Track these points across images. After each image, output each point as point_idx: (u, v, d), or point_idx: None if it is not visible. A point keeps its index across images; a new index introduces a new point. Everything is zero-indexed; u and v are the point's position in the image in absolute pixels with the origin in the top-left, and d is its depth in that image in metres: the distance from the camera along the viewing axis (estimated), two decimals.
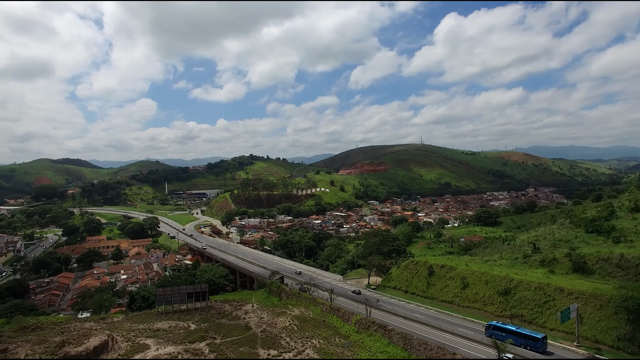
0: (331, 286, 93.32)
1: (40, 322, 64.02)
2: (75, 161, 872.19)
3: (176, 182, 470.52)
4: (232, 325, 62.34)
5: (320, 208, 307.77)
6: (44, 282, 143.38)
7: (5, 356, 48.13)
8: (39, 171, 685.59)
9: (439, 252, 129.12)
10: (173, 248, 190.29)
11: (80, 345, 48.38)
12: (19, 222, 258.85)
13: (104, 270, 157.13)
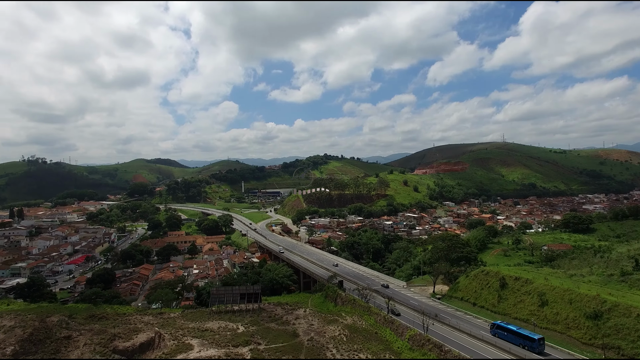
0: (392, 293, 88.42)
1: (106, 312, 68.24)
2: (165, 161, 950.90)
3: (253, 181, 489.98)
4: (280, 331, 60.83)
5: (392, 209, 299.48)
6: (128, 271, 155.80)
7: (69, 343, 51.14)
8: (136, 170, 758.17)
9: (516, 260, 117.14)
10: (243, 245, 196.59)
11: (129, 340, 49.94)
12: (114, 216, 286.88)
13: (179, 264, 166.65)
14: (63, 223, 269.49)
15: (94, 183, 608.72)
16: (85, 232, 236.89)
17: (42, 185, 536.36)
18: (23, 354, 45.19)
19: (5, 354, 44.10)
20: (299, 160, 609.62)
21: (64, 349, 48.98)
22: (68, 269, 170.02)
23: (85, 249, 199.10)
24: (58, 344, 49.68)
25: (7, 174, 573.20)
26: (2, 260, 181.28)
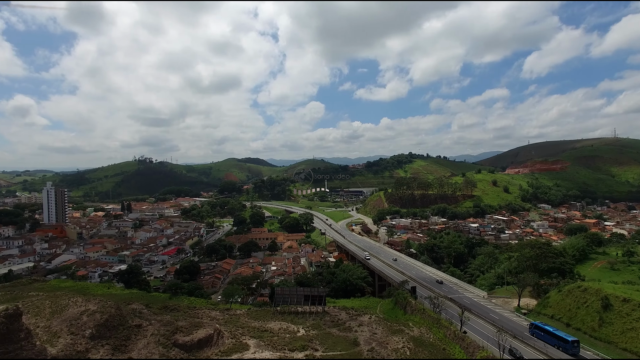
0: (470, 304, 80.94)
1: (179, 304, 71.78)
2: (255, 160, 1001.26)
3: (336, 180, 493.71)
4: (341, 338, 58.31)
5: (479, 210, 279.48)
6: (211, 265, 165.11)
7: (138, 331, 54.11)
8: (228, 169, 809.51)
9: (626, 276, 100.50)
10: (322, 244, 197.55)
11: (188, 335, 51.20)
12: (205, 212, 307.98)
13: (258, 260, 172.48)
14: (161, 217, 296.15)
15: (191, 180, 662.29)
16: (179, 226, 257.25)
17: (149, 182, 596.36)
18: (99, 338, 48.50)
19: (85, 336, 47.70)
20: (382, 159, 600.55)
21: (133, 337, 51.88)
22: (162, 259, 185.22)
23: (177, 242, 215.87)
24: (129, 331, 52.75)
25: (122, 172, 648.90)
26: (112, 247, 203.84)
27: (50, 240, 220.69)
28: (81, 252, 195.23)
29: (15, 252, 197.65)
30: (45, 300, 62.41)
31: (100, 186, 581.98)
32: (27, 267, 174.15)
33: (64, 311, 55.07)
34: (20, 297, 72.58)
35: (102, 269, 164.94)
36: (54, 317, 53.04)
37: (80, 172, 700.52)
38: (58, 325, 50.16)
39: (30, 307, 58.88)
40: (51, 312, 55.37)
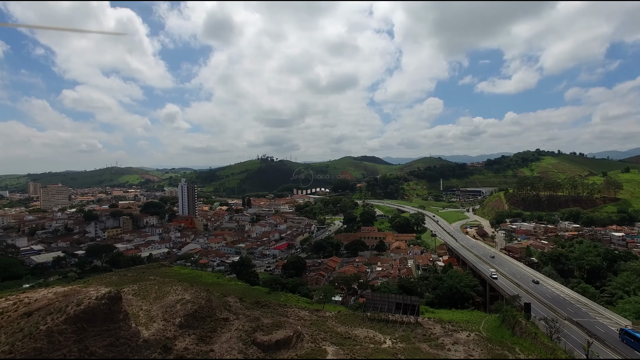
0: (605, 333, 66.49)
1: (270, 301, 72.85)
2: (371, 158, 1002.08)
3: (452, 179, 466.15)
4: (430, 355, 52.11)
5: (625, 217, 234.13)
6: (317, 262, 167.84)
7: (225, 325, 55.77)
8: (344, 167, 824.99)
9: None
10: (432, 246, 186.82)
11: (268, 334, 50.74)
12: (317, 209, 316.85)
13: (364, 259, 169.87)
14: (277, 213, 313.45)
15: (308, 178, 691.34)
16: (292, 222, 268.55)
17: (269, 179, 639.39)
18: (186, 327, 51.05)
19: (174, 324, 50.65)
20: (505, 157, 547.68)
21: (219, 329, 53.51)
22: (273, 254, 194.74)
23: (289, 237, 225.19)
24: (216, 323, 54.59)
25: (247, 170, 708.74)
26: (231, 240, 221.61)
27: (182, 230, 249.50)
28: (205, 242, 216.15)
29: (156, 238, 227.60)
30: (155, 285, 68.64)
31: (228, 182, 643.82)
32: (163, 252, 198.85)
33: (164, 298, 59.56)
34: (140, 280, 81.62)
35: (220, 259, 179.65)
36: (156, 302, 57.61)
37: (212, 170, 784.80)
38: (156, 310, 54.22)
39: (142, 290, 65.18)
40: (155, 297, 60.36)
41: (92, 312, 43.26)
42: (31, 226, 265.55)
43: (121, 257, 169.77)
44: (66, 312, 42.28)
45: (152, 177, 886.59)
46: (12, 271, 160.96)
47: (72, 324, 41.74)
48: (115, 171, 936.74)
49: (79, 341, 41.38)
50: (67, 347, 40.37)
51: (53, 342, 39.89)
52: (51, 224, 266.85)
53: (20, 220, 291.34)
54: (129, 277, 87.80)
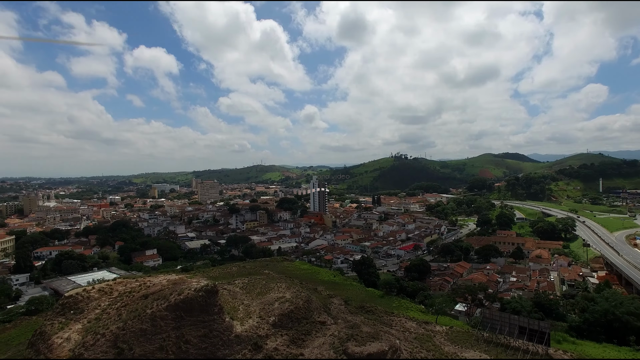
0: None
1: (375, 307, 68.43)
2: (514, 155, 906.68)
3: (617, 178, 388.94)
4: None
5: None
6: (443, 266, 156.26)
7: (320, 329, 53.82)
8: (482, 165, 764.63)
9: None
10: (583, 258, 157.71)
11: (361, 346, 46.85)
12: (449, 209, 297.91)
13: (497, 267, 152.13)
14: (406, 212, 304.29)
15: (443, 177, 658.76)
16: (420, 222, 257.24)
17: (402, 178, 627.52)
18: (280, 327, 50.49)
19: (268, 322, 50.56)
20: None
21: (314, 333, 51.62)
22: (398, 254, 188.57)
23: (416, 238, 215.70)
24: (311, 326, 52.84)
25: (380, 168, 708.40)
26: (357, 237, 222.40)
27: (311, 226, 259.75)
28: (332, 238, 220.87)
29: (288, 232, 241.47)
30: (263, 280, 70.61)
31: (361, 180, 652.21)
32: (292, 246, 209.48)
33: (266, 294, 60.39)
34: (254, 274, 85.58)
35: (345, 256, 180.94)
36: (257, 298, 58.70)
37: (347, 168, 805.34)
38: (255, 306, 55.05)
39: (250, 284, 67.57)
40: (258, 292, 61.68)
41: (190, 302, 45.48)
42: (189, 216, 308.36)
43: (253, 249, 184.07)
44: (168, 300, 45.23)
45: (291, 174, 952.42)
46: (172, 253, 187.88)
47: (172, 311, 44.45)
48: (260, 169, 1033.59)
49: (177, 328, 43.81)
50: (166, 332, 43.07)
51: (155, 326, 42.95)
52: (203, 215, 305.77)
53: (182, 211, 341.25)
54: (247, 269, 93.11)
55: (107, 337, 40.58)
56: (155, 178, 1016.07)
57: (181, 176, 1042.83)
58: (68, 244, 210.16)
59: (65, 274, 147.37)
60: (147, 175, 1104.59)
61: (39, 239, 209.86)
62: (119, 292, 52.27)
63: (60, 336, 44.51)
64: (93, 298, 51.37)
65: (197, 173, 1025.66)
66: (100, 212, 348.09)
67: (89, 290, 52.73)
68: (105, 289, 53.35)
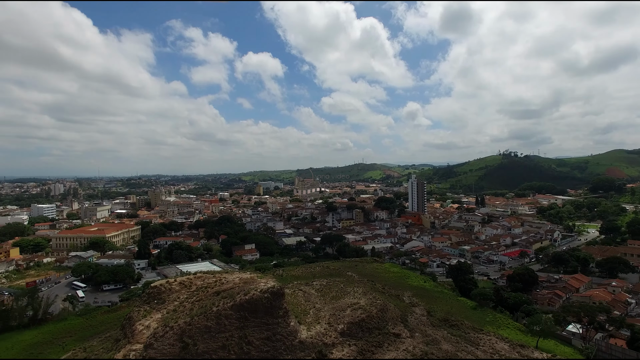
0: None
1: (462, 321, 61.19)
2: None
3: None
4: None
5: None
6: (553, 277, 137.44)
7: (394, 342, 49.69)
8: (611, 162, 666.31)
9: None
10: None
11: None
12: (565, 213, 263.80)
13: (626, 284, 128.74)
14: (513, 214, 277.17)
15: (560, 176, 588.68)
16: (529, 226, 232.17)
17: (510, 177, 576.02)
18: (348, 336, 47.57)
19: (337, 330, 47.98)
20: None
21: (386, 345, 47.55)
22: (501, 260, 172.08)
23: (523, 243, 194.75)
24: (384, 338, 48.84)
25: (486, 166, 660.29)
26: (456, 240, 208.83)
27: (408, 226, 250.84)
28: (429, 240, 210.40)
29: (383, 232, 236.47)
30: (341, 283, 68.27)
31: (465, 179, 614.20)
32: (386, 246, 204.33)
33: (340, 299, 57.88)
34: (336, 275, 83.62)
35: (441, 259, 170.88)
36: (330, 302, 56.49)
37: (450, 167, 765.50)
38: (327, 311, 52.86)
39: (327, 287, 65.72)
40: (333, 296, 59.46)
41: (255, 303, 44.95)
42: (289, 213, 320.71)
43: (347, 248, 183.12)
44: (234, 299, 45.26)
45: (392, 172, 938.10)
46: (269, 248, 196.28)
47: (237, 311, 44.35)
48: (362, 167, 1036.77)
49: (241, 328, 43.54)
50: (230, 331, 43.05)
51: (220, 324, 43.21)
52: (302, 212, 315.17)
53: (283, 208, 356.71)
54: (330, 270, 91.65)
55: (175, 330, 41.76)
56: (262, 176, 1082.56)
57: (286, 174, 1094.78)
58: (181, 235, 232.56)
59: (175, 262, 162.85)
60: (255, 173, 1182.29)
61: (159, 230, 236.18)
62: (196, 287, 54.18)
63: (142, 323, 47.32)
64: (174, 290, 53.95)
65: (300, 171, 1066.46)
66: (210, 207, 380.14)
67: (171, 282, 55.55)
68: (186, 282, 55.77)
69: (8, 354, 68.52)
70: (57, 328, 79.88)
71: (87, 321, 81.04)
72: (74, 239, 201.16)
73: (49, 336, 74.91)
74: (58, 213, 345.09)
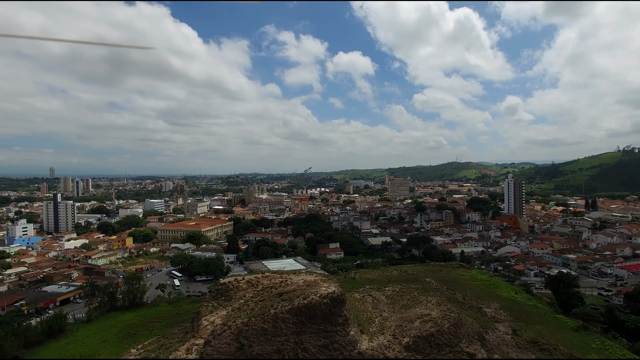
0: None
1: (556, 345, 52.31)
2: None
3: None
4: None
5: None
6: None
7: None
8: None
9: None
10: None
11: None
12: None
13: None
14: (635, 220, 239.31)
15: None
16: None
17: (632, 177, 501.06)
18: (414, 351, 43.52)
19: (401, 343, 44.27)
20: None
21: None
22: (617, 274, 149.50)
23: None
24: (455, 356, 43.81)
25: (599, 165, 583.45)
26: (559, 247, 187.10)
27: (503, 230, 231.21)
28: (526, 246, 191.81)
29: (475, 235, 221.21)
30: (415, 291, 63.68)
31: (573, 179, 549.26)
32: (477, 251, 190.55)
33: (410, 308, 53.68)
34: (413, 281, 78.59)
35: (539, 268, 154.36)
36: (399, 312, 52.65)
37: (555, 165, 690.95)
38: (394, 321, 49.19)
39: (398, 294, 61.78)
40: (403, 305, 55.47)
41: (313, 308, 43.24)
42: (376, 212, 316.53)
43: (434, 250, 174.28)
44: (292, 303, 44.04)
45: (489, 171, 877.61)
46: (353, 248, 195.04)
47: (294, 315, 43.05)
48: (456, 166, 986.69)
49: (297, 333, 42.14)
50: (286, 335, 41.89)
51: (277, 328, 42.30)
52: (389, 212, 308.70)
53: (371, 207, 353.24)
54: (408, 274, 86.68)
55: (232, 329, 41.82)
56: (353, 174, 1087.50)
57: (377, 173, 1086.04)
58: (270, 232, 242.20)
59: (261, 258, 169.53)
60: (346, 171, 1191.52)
61: (249, 226, 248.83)
62: (263, 286, 54.29)
63: (207, 319, 48.56)
64: (241, 288, 54.70)
65: (392, 170, 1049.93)
66: (300, 205, 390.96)
67: (240, 280, 56.46)
68: (253, 281, 56.26)
69: (111, 332, 76.44)
70: (151, 313, 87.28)
71: (175, 309, 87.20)
72: (174, 232, 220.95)
73: (143, 319, 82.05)
74: (166, 207, 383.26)
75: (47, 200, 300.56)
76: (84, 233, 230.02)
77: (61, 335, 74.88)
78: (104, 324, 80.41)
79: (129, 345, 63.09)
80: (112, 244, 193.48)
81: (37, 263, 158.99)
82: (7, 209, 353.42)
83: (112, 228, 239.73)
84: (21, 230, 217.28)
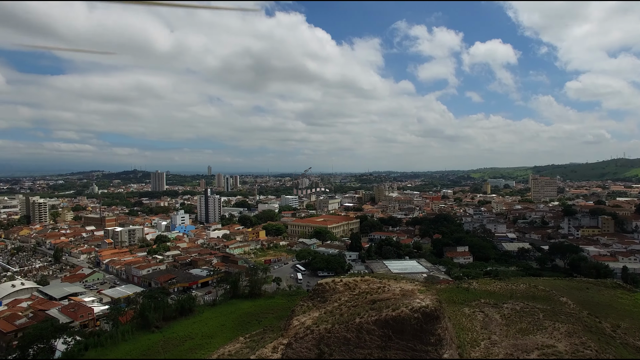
0: None
1: None
2: None
3: None
4: None
5: None
6: None
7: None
8: None
9: None
10: None
11: None
12: None
13: None
14: None
15: None
16: None
17: None
18: None
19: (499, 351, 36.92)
20: None
21: None
22: None
23: None
24: None
25: None
26: None
27: None
28: None
29: None
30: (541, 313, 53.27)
31: None
32: None
33: (530, 334, 44.71)
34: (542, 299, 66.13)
35: None
36: (515, 336, 44.30)
37: None
38: (504, 347, 41.37)
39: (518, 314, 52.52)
40: (520, 328, 46.65)
41: (402, 322, 38.85)
42: (515, 215, 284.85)
43: (583, 262, 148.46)
44: (380, 313, 40.33)
45: None
46: (484, 253, 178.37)
47: (380, 327, 39.29)
48: (622, 163, 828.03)
49: (382, 348, 38.28)
50: (369, 348, 38.43)
51: (360, 339, 39.16)
52: (531, 215, 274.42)
53: (509, 209, 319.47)
54: (538, 290, 73.25)
55: (315, 335, 40.23)
56: (493, 173, 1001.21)
57: (520, 171, 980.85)
58: (397, 231, 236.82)
59: (383, 257, 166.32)
60: (485, 170, 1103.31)
61: (375, 224, 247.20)
62: (359, 290, 51.75)
63: (299, 319, 48.11)
64: (338, 290, 53.04)
65: (538, 168, 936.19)
66: (430, 205, 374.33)
67: (337, 282, 54.86)
68: (351, 284, 54.09)
69: (229, 317, 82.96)
70: (266, 304, 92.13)
71: (288, 303, 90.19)
72: (303, 227, 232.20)
73: (257, 309, 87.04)
74: (300, 203, 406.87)
75: (199, 195, 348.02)
76: (227, 224, 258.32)
77: (190, 314, 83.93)
78: (225, 309, 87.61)
79: (240, 333, 67.05)
80: (248, 235, 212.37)
81: (188, 248, 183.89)
82: (175, 201, 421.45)
83: (250, 221, 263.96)
84: (180, 219, 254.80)
